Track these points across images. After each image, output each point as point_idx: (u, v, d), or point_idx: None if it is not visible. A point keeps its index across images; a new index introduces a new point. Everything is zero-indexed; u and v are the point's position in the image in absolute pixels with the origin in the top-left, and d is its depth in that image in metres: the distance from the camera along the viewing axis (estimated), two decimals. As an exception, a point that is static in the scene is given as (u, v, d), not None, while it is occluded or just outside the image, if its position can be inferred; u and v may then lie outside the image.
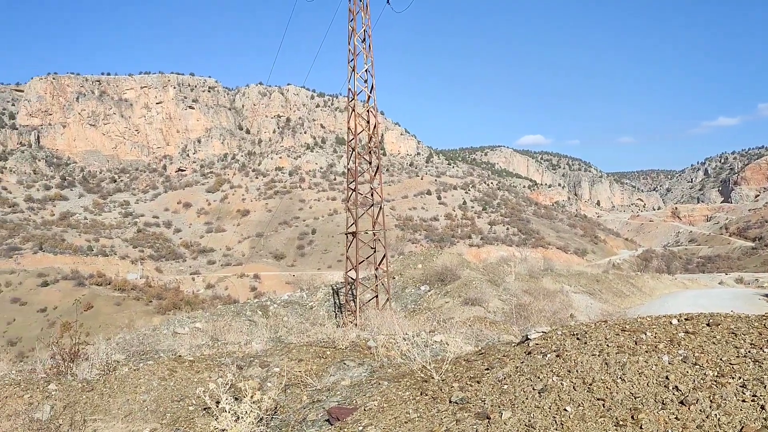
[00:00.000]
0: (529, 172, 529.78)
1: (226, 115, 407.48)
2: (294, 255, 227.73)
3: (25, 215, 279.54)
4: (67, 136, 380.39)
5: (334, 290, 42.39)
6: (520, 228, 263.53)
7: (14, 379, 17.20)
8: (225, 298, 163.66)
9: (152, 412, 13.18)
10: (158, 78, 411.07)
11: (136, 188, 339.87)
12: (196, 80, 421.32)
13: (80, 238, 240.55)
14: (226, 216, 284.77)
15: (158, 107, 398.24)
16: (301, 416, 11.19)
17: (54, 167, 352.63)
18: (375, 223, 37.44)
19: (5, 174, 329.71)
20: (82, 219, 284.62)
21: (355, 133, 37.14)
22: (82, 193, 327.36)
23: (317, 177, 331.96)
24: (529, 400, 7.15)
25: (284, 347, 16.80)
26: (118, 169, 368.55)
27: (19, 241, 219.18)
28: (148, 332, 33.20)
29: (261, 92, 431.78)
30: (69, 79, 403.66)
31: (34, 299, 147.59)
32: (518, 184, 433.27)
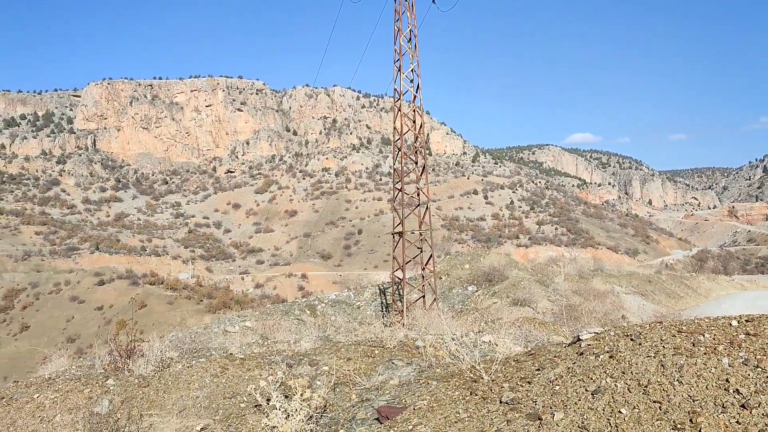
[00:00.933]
0: (578, 170, 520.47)
1: (273, 117, 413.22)
2: (340, 255, 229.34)
3: (83, 216, 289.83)
4: (121, 140, 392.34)
5: (380, 290, 42.52)
6: (569, 228, 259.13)
7: (74, 374, 17.84)
8: (273, 297, 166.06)
9: (205, 409, 13.46)
10: (207, 81, 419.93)
11: (187, 190, 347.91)
12: (244, 83, 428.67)
13: (134, 238, 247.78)
14: (274, 216, 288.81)
15: (208, 110, 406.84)
16: (350, 415, 11.26)
17: (109, 170, 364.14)
18: (421, 223, 37.40)
19: (64, 177, 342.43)
20: (135, 220, 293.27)
21: (401, 133, 37.17)
22: (135, 194, 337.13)
23: (363, 177, 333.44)
24: (582, 401, 7.03)
25: (333, 346, 16.94)
26: (169, 171, 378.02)
27: (77, 241, 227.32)
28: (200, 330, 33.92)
29: (307, 94, 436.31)
30: (123, 84, 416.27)
31: (92, 298, 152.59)
32: (567, 183, 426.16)
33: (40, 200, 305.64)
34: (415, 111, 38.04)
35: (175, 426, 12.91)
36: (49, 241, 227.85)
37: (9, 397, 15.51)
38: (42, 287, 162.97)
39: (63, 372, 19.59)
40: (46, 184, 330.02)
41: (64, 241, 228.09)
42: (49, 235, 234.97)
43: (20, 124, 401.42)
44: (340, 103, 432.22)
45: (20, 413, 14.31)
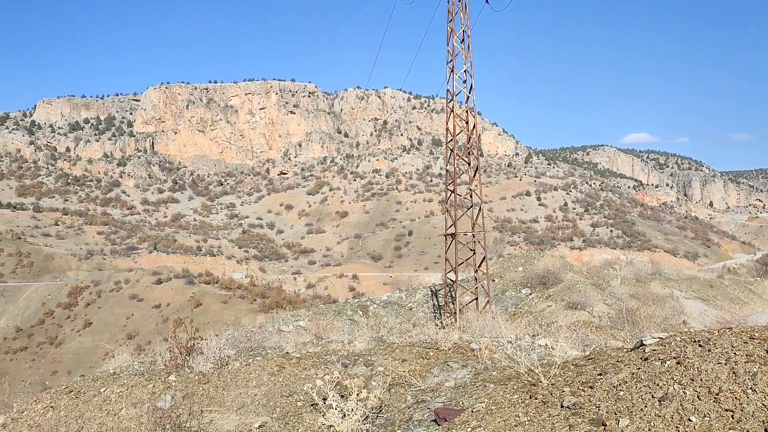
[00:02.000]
0: (634, 171, 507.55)
1: (325, 119, 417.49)
2: (391, 256, 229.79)
3: (142, 217, 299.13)
4: (178, 142, 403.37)
5: (432, 292, 42.39)
6: (625, 230, 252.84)
7: (137, 370, 18.45)
8: (325, 297, 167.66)
9: (263, 406, 13.70)
10: (261, 85, 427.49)
11: (241, 191, 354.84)
12: (297, 86, 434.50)
13: (190, 238, 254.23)
14: (325, 217, 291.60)
15: (261, 113, 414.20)
16: (406, 416, 11.26)
17: (166, 171, 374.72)
18: (474, 224, 37.12)
19: (124, 178, 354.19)
20: (191, 220, 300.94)
21: (453, 134, 37.01)
22: (191, 195, 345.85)
23: (414, 179, 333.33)
24: (649, 408, 6.85)
25: (387, 347, 16.99)
26: (224, 172, 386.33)
27: (137, 241, 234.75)
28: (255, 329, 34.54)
29: (358, 96, 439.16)
30: (180, 87, 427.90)
31: (150, 296, 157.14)
32: (622, 185, 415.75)
33: (102, 201, 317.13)
34: (467, 112, 37.81)
35: (235, 423, 13.19)
36: (110, 240, 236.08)
37: (77, 391, 16.14)
38: (103, 285, 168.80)
39: (126, 367, 20.29)
40: (108, 186, 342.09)
41: (124, 240, 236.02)
42: (110, 234, 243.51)
43: (84, 127, 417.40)
44: (391, 104, 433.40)
45: (88, 406, 14.88)
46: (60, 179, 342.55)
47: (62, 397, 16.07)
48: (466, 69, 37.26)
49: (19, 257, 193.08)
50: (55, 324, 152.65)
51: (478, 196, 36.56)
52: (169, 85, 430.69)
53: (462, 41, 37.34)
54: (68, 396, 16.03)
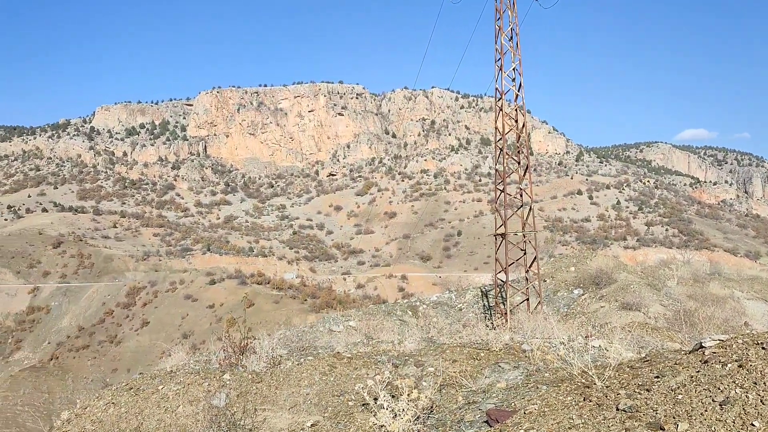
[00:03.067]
0: (691, 168, 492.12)
1: (373, 121, 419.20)
2: (440, 256, 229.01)
3: (195, 219, 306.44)
4: (229, 145, 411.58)
5: (482, 292, 42.06)
6: (681, 229, 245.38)
7: (193, 368, 18.92)
8: (374, 297, 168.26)
9: (315, 405, 13.87)
10: (310, 87, 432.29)
11: (291, 192, 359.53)
12: (345, 88, 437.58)
13: (242, 239, 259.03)
14: (374, 218, 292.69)
15: (310, 115, 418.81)
16: (457, 416, 11.23)
17: (219, 174, 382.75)
18: (525, 224, 36.69)
19: (178, 181, 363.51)
20: (243, 222, 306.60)
21: (503, 134, 36.66)
22: (243, 197, 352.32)
23: (462, 178, 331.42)
24: (709, 412, 6.65)
25: (438, 347, 16.96)
26: (275, 174, 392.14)
27: (191, 242, 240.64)
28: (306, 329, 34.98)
29: (406, 96, 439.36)
30: (231, 92, 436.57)
31: (204, 296, 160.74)
32: (678, 182, 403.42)
33: (158, 204, 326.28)
34: (517, 110, 37.41)
35: (287, 421, 13.40)
36: (166, 242, 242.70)
37: (137, 388, 16.68)
38: (160, 285, 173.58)
39: (183, 366, 20.84)
40: (163, 189, 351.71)
41: (178, 242, 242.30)
42: (165, 236, 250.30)
43: (140, 132, 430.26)
44: (439, 104, 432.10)
45: (147, 403, 15.36)
46: (118, 183, 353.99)
47: (123, 394, 16.62)
48: (514, 67, 36.87)
49: (81, 259, 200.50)
50: (115, 323, 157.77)
51: (529, 196, 36.12)
52: (220, 89, 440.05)
53: (510, 39, 36.98)
54: (128, 393, 16.57)
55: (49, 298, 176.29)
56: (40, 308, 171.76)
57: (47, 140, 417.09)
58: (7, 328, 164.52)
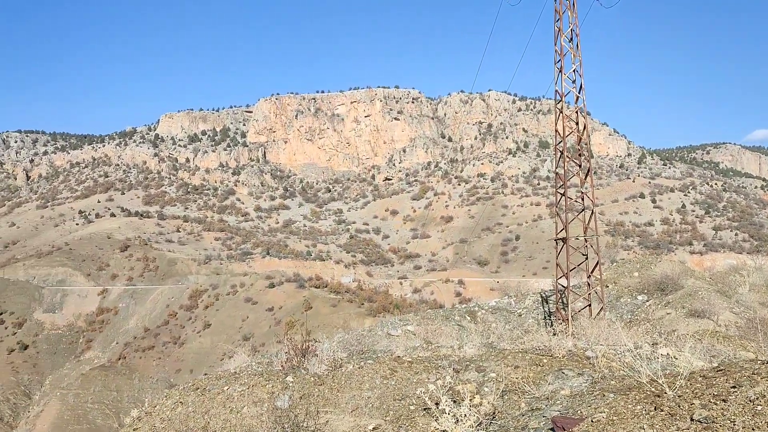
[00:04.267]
0: (762, 170, 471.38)
1: (429, 125, 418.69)
2: (497, 261, 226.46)
3: (255, 223, 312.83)
4: (288, 151, 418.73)
5: (542, 298, 41.37)
6: (752, 233, 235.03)
7: (256, 370, 19.31)
8: (431, 302, 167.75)
9: (376, 409, 13.94)
10: (366, 93, 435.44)
11: (348, 197, 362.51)
12: (401, 92, 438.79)
13: (300, 243, 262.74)
14: (430, 222, 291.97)
15: (366, 120, 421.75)
16: (521, 423, 11.09)
17: (278, 179, 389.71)
18: (586, 228, 35.93)
19: (239, 187, 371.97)
20: (301, 226, 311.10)
21: (563, 136, 36.02)
22: (301, 202, 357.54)
23: (520, 182, 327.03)
24: (791, 424, 6.38)
25: (499, 353, 16.79)
26: (332, 179, 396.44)
27: (251, 246, 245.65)
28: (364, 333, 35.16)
29: (462, 100, 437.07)
30: (289, 98, 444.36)
31: (263, 299, 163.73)
32: (748, 185, 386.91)
33: (219, 208, 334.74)
34: (577, 112, 36.71)
35: (350, 424, 13.52)
36: (227, 246, 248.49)
37: (203, 388, 17.16)
38: (221, 288, 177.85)
39: (246, 367, 21.30)
40: (224, 194, 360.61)
41: (239, 246, 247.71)
42: (226, 240, 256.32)
43: (201, 139, 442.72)
44: (496, 107, 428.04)
45: (213, 403, 15.77)
46: (181, 188, 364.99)
47: (190, 394, 17.12)
48: (575, 69, 36.22)
49: (146, 262, 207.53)
50: (178, 325, 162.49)
51: (590, 199, 35.36)
52: (279, 96, 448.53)
53: (570, 40, 36.35)
54: (195, 393, 17.06)
55: (117, 300, 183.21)
56: (108, 309, 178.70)
57: (115, 148, 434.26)
58: (79, 328, 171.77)
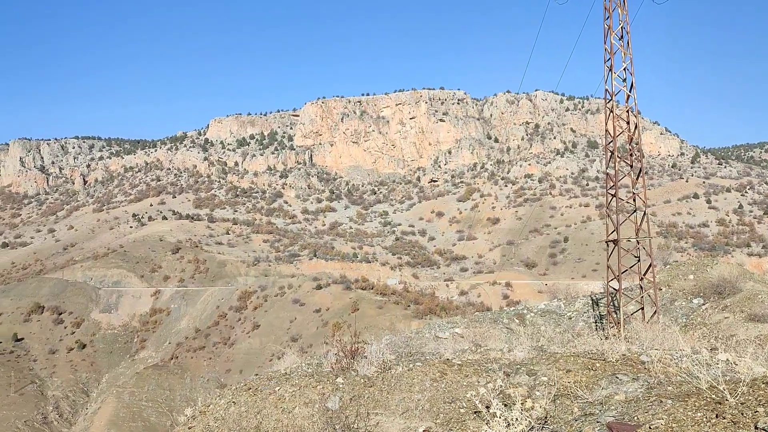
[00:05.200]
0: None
1: (474, 126, 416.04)
2: (545, 263, 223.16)
3: (302, 225, 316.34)
4: (334, 154, 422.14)
5: (593, 301, 40.64)
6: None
7: (306, 371, 19.52)
8: (478, 305, 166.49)
9: (427, 411, 13.93)
10: (411, 95, 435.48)
11: (394, 199, 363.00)
12: (446, 94, 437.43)
13: (347, 245, 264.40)
14: (476, 224, 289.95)
15: (411, 122, 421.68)
16: (574, 428, 10.93)
17: (324, 182, 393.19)
18: (638, 230, 35.13)
19: (286, 189, 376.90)
20: (347, 228, 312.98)
21: (613, 136, 35.33)
22: (347, 204, 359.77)
23: (568, 183, 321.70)
24: None
25: (550, 356, 16.58)
26: (377, 181, 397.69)
27: (298, 248, 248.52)
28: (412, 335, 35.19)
29: (508, 100, 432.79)
30: (335, 101, 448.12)
31: (310, 300, 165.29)
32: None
33: (267, 211, 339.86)
34: (628, 111, 35.95)
35: (400, 426, 13.55)
36: (274, 248, 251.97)
37: (255, 388, 17.46)
38: (269, 290, 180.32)
39: (296, 368, 21.53)
40: (272, 197, 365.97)
41: (287, 248, 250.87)
42: (274, 242, 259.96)
43: (250, 143, 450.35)
44: (543, 107, 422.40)
45: (265, 403, 16.03)
46: (230, 191, 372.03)
47: (242, 394, 17.46)
48: (625, 67, 35.49)
49: (197, 264, 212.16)
50: (228, 325, 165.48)
51: (642, 200, 34.57)
52: (324, 99, 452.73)
53: (621, 38, 35.63)
54: (247, 393, 17.38)
55: (169, 301, 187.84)
56: (161, 310, 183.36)
57: (166, 152, 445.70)
58: (133, 328, 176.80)
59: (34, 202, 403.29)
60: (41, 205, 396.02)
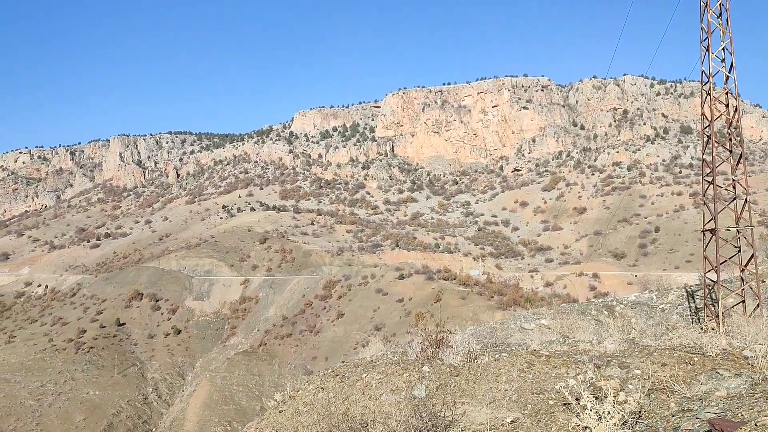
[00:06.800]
0: None
1: (559, 113, 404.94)
2: (635, 254, 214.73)
3: (384, 216, 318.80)
4: (415, 144, 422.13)
5: (688, 293, 38.82)
6: None
7: (391, 359, 19.75)
8: (564, 296, 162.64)
9: (514, 402, 13.79)
10: (493, 83, 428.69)
11: (476, 189, 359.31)
12: (530, 81, 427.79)
13: (428, 236, 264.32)
14: (562, 214, 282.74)
15: (494, 110, 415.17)
16: (671, 424, 10.54)
17: (405, 173, 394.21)
18: (739, 218, 33.21)
19: (368, 180, 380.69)
20: (429, 219, 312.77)
21: (710, 120, 33.51)
22: (428, 195, 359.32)
23: (659, 170, 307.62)
24: None
25: (643, 349, 16.01)
26: (459, 171, 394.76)
27: (380, 238, 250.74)
28: (496, 326, 34.85)
29: (595, 86, 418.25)
30: (416, 92, 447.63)
31: (393, 290, 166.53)
32: None
33: (350, 202, 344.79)
34: (727, 94, 33.94)
35: (487, 416, 13.47)
36: (358, 238, 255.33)
37: (342, 375, 17.84)
38: (353, 279, 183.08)
39: (381, 356, 21.82)
40: (354, 188, 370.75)
41: (369, 238, 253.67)
42: (357, 233, 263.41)
43: (332, 135, 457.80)
44: (632, 92, 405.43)
45: (352, 389, 16.37)
46: (314, 183, 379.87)
47: (330, 380, 17.87)
48: (724, 46, 33.49)
49: (283, 253, 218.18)
50: (313, 314, 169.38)
51: (743, 187, 32.65)
52: (405, 90, 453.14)
53: (719, 16, 33.65)
54: (335, 379, 17.78)
55: (257, 289, 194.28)
56: (250, 298, 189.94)
57: (253, 145, 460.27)
58: (224, 316, 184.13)
59: (133, 195, 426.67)
60: (139, 197, 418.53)
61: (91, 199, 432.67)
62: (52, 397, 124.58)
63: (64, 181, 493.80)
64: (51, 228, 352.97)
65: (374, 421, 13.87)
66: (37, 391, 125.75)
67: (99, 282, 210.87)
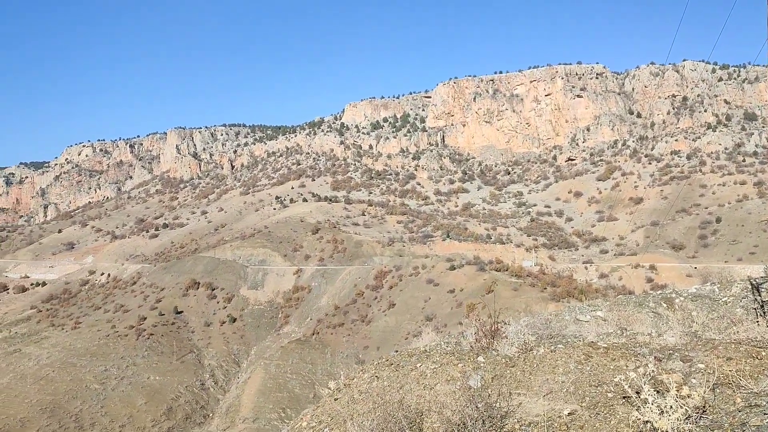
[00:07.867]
0: None
1: (615, 101, 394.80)
2: (695, 246, 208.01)
3: (435, 207, 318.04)
4: (466, 134, 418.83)
5: (753, 285, 37.38)
6: None
7: (445, 349, 19.74)
8: (619, 288, 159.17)
9: (571, 394, 13.59)
10: (546, 71, 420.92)
11: (528, 179, 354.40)
12: (584, 68, 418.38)
13: (480, 226, 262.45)
14: (617, 204, 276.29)
15: (547, 99, 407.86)
16: (737, 420, 10.22)
17: (456, 163, 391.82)
18: (808, 208, 31.78)
19: (419, 171, 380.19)
20: (480, 209, 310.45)
21: (779, 105, 32.09)
22: (480, 185, 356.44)
23: (721, 159, 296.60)
24: None
25: (707, 343, 15.54)
26: (511, 161, 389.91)
27: (431, 229, 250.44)
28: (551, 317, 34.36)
29: (652, 72, 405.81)
30: (467, 81, 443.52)
31: (444, 281, 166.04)
32: None
33: (400, 193, 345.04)
34: (797, 77, 32.47)
35: (543, 407, 13.32)
36: (408, 229, 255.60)
37: (396, 364, 17.93)
38: (404, 270, 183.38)
39: (435, 346, 21.85)
40: (405, 179, 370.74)
41: (420, 228, 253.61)
42: (408, 223, 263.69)
43: (383, 126, 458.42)
44: (691, 78, 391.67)
45: (407, 379, 16.42)
46: (365, 174, 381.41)
47: (384, 369, 17.99)
48: (794, 28, 31.96)
49: (335, 244, 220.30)
50: (365, 303, 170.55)
51: (814, 176, 31.20)
52: (456, 79, 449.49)
53: (789, -5, 32.12)
54: (389, 368, 17.89)
55: (310, 279, 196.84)
56: (303, 288, 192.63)
57: (305, 137, 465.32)
58: (278, 305, 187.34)
59: (189, 186, 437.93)
60: (195, 188, 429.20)
61: (150, 190, 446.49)
62: (115, 381, 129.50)
63: (125, 173, 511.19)
64: (112, 219, 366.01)
65: (429, 410, 13.90)
66: (101, 375, 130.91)
67: (158, 271, 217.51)
